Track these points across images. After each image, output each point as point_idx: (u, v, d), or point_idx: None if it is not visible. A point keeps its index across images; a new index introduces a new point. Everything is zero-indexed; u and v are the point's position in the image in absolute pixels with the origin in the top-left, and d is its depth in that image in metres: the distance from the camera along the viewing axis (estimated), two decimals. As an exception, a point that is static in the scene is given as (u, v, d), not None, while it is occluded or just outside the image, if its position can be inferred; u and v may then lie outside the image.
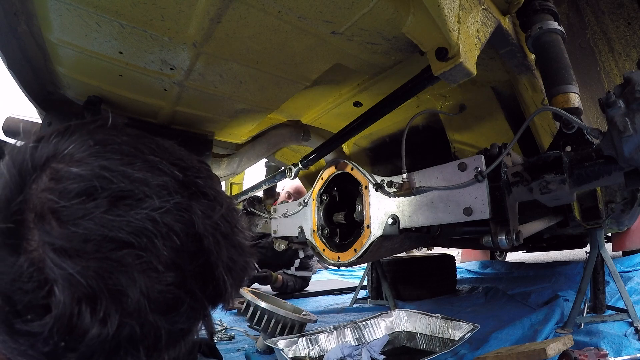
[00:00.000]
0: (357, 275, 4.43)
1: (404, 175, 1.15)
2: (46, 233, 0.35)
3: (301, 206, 1.60)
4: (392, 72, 1.34)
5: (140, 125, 1.55)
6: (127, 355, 0.37)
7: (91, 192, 0.36)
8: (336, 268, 4.49)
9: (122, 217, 0.36)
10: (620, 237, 3.28)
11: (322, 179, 1.52)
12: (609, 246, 3.10)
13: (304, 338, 1.49)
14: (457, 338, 1.49)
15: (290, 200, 3.24)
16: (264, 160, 2.53)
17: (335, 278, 4.51)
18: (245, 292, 1.87)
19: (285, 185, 3.45)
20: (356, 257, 1.32)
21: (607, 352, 1.26)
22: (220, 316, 2.28)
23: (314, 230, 1.52)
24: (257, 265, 3.03)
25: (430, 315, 1.67)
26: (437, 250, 4.33)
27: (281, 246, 1.98)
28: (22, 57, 1.16)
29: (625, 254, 3.23)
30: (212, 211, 0.42)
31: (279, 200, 3.24)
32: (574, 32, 1.59)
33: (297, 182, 3.29)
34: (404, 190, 1.14)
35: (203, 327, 0.45)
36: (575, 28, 1.60)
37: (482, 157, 0.99)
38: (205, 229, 0.41)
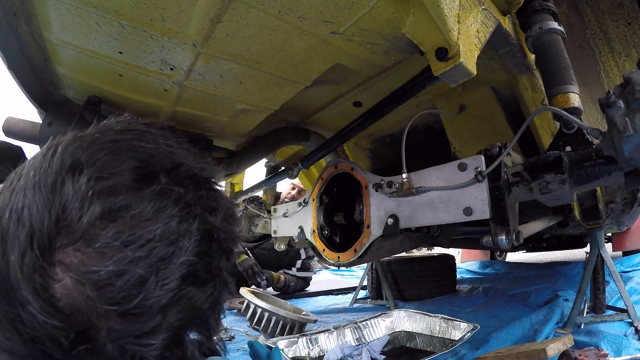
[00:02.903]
0: (357, 275, 4.43)
1: (404, 175, 1.15)
2: None
3: (301, 206, 1.60)
4: (392, 72, 1.34)
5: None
6: None
7: None
8: (336, 268, 4.49)
9: None
10: (620, 237, 3.28)
11: (322, 179, 1.52)
12: (609, 246, 3.10)
13: (304, 338, 1.49)
14: (457, 338, 1.49)
15: (293, 192, 3.25)
16: (264, 160, 2.53)
17: (335, 278, 4.51)
18: (245, 292, 1.87)
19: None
20: (356, 257, 1.32)
21: (607, 352, 1.26)
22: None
23: (314, 230, 1.52)
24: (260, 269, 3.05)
25: (430, 315, 1.67)
26: (437, 250, 4.33)
27: (281, 246, 1.98)
28: (22, 57, 1.16)
29: (625, 254, 3.24)
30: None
31: (284, 195, 3.26)
32: (574, 32, 1.58)
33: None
34: (404, 190, 1.14)
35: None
36: (575, 28, 1.60)
37: (482, 157, 0.99)
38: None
